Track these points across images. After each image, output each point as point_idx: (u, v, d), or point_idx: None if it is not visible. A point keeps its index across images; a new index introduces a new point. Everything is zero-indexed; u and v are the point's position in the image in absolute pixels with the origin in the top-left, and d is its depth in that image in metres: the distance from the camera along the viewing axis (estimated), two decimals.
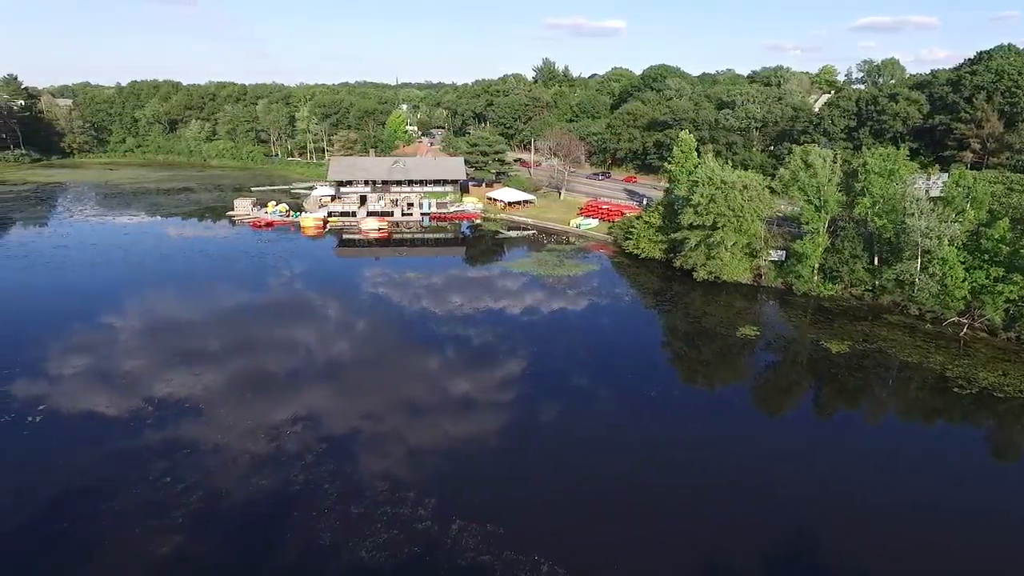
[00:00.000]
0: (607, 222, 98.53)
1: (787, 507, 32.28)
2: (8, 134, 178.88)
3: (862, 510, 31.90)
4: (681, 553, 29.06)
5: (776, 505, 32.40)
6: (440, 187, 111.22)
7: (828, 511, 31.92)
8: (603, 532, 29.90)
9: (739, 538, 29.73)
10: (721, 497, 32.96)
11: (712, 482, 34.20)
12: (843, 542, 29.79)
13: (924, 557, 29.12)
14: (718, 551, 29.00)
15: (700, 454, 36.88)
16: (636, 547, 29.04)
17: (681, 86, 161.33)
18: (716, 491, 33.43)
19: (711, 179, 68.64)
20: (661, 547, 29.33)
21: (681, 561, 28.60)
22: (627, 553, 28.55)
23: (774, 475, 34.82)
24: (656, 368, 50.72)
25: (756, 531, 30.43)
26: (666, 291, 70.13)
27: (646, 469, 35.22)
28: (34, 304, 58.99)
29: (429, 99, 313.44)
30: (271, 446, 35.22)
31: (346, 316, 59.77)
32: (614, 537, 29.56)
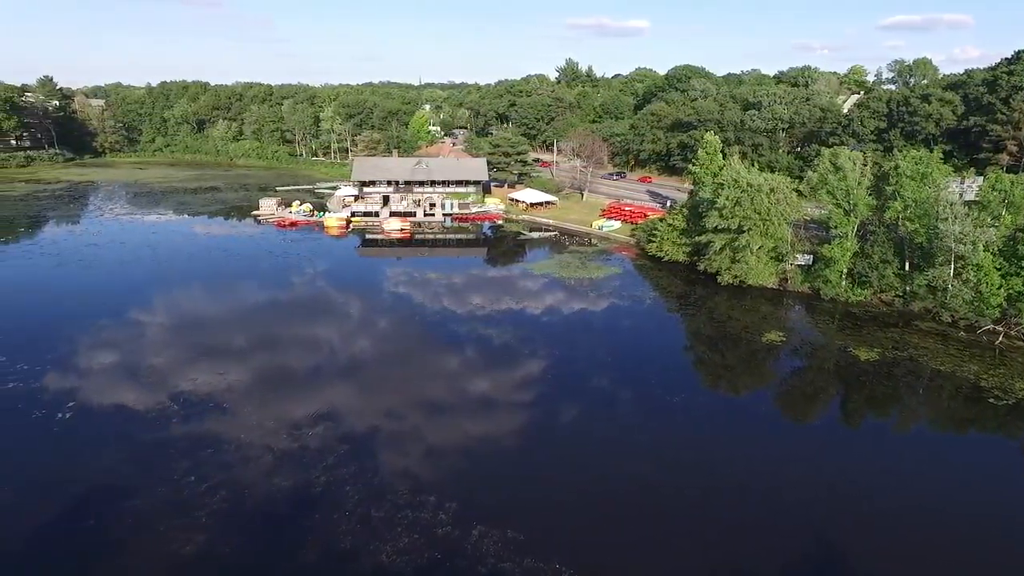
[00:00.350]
0: (630, 224, 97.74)
1: (817, 519, 31.52)
2: (43, 134, 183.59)
3: (894, 524, 31.03)
4: (706, 566, 28.52)
5: (805, 516, 31.66)
6: (462, 188, 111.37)
7: (858, 525, 31.08)
8: (623, 538, 29.52)
9: (773, 558, 29.08)
10: (752, 508, 32.30)
11: (740, 493, 33.55)
12: (876, 557, 28.98)
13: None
14: (750, 562, 28.41)
15: (724, 462, 36.22)
16: (657, 555, 28.60)
17: (706, 87, 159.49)
18: (746, 501, 32.80)
19: (737, 182, 67.58)
20: (684, 556, 28.84)
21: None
22: (647, 561, 28.13)
23: (803, 486, 34.06)
24: (679, 372, 50.05)
25: (786, 545, 29.76)
26: (690, 295, 69.25)
27: (666, 474, 34.71)
28: (65, 301, 60.16)
29: (452, 99, 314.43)
30: (293, 446, 35.42)
31: (367, 315, 60.04)
32: (635, 544, 29.17)
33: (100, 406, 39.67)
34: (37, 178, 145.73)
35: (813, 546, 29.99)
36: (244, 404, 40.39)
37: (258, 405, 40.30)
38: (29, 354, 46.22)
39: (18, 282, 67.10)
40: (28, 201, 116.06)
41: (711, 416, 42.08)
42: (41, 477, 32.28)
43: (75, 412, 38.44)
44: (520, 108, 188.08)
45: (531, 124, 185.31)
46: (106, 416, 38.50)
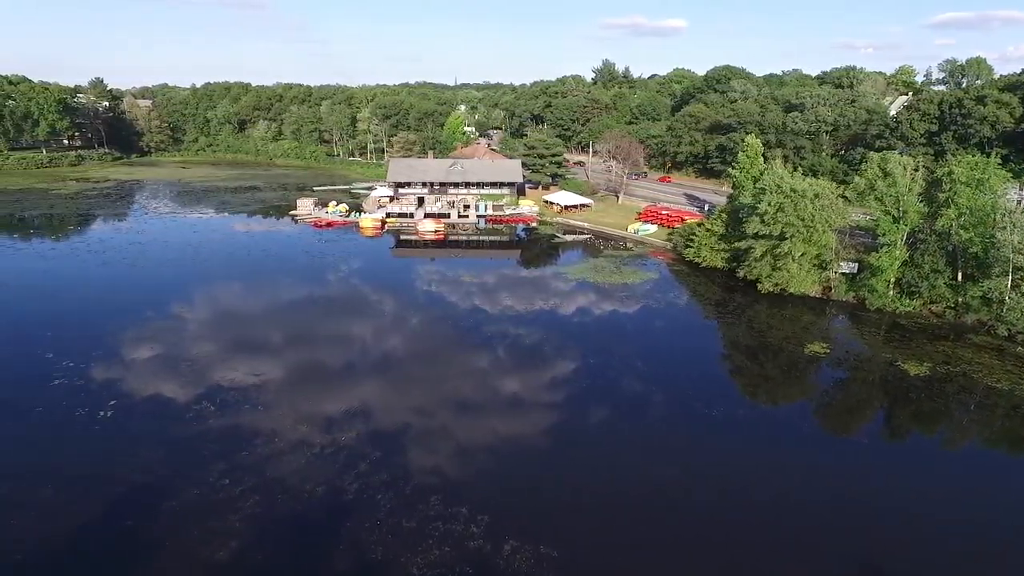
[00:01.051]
0: (667, 228, 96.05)
1: (863, 539, 30.07)
2: (94, 134, 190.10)
3: (940, 545, 29.41)
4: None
5: (852, 537, 30.24)
6: (496, 189, 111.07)
7: (905, 545, 29.58)
8: (658, 559, 28.58)
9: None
10: (800, 532, 31.03)
11: (788, 514, 32.27)
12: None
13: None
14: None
15: (768, 482, 34.90)
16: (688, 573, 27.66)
17: (746, 88, 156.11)
18: (794, 523, 31.53)
19: (780, 187, 65.57)
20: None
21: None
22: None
23: (849, 505, 32.57)
24: (717, 384, 48.60)
25: (833, 567, 28.46)
26: (728, 302, 67.52)
27: (706, 494, 33.59)
28: (110, 299, 61.72)
29: (487, 100, 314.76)
30: (326, 452, 35.41)
31: (399, 315, 60.00)
32: (670, 566, 28.22)
33: (139, 404, 40.39)
34: (87, 176, 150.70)
35: (859, 569, 28.61)
36: (278, 405, 40.66)
37: (292, 406, 40.52)
38: (75, 351, 47.41)
39: (67, 279, 69.15)
40: (78, 199, 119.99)
41: (752, 431, 40.63)
42: (81, 476, 32.89)
43: (115, 410, 39.19)
44: (555, 109, 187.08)
45: (566, 125, 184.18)
46: (145, 414, 39.15)
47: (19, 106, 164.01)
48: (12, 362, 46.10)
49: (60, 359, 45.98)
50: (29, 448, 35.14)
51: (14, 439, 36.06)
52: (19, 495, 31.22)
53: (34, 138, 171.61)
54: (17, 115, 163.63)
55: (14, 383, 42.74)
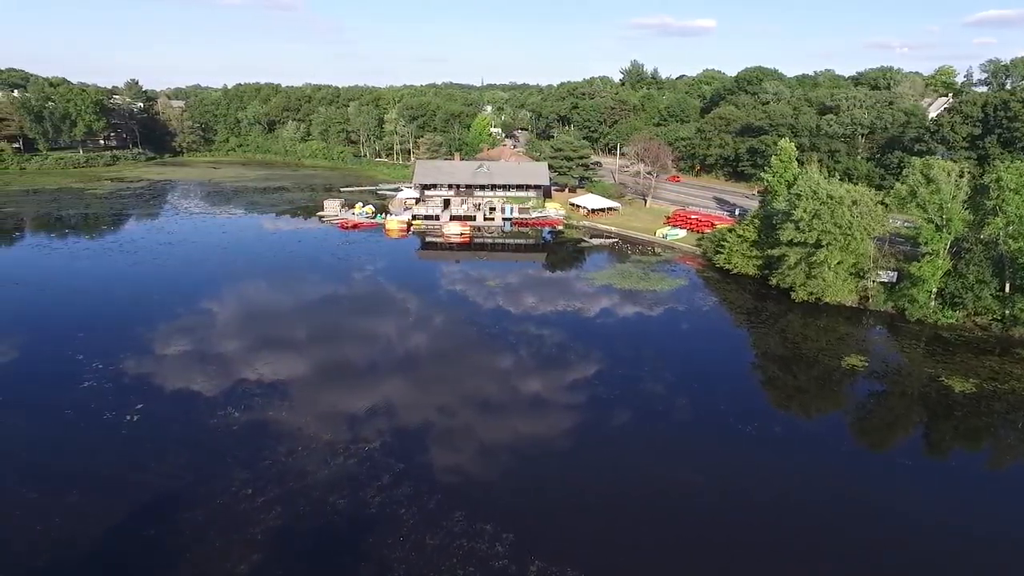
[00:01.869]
0: (696, 233, 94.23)
1: (903, 558, 28.52)
2: (128, 134, 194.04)
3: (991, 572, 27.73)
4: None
5: (891, 557, 28.70)
6: (523, 192, 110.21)
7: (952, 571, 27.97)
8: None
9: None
10: (833, 550, 29.58)
11: (808, 533, 30.82)
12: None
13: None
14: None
15: (804, 504, 33.45)
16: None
17: (779, 89, 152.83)
18: (834, 548, 30.07)
19: (816, 193, 63.53)
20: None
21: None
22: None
23: (888, 524, 30.98)
24: (750, 398, 46.95)
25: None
26: (760, 311, 65.65)
27: (742, 513, 32.28)
28: (140, 300, 62.25)
29: (513, 101, 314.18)
30: (349, 462, 34.90)
31: (422, 321, 59.37)
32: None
33: (165, 408, 40.43)
34: (121, 176, 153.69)
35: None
36: (302, 410, 40.36)
37: (316, 411, 40.19)
38: (104, 353, 47.80)
39: (99, 279, 70.11)
40: (111, 199, 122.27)
41: (788, 449, 39.10)
42: (107, 481, 32.88)
43: (142, 414, 39.25)
44: (582, 110, 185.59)
45: (593, 127, 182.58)
46: (170, 418, 39.15)
47: (58, 107, 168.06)
48: (45, 363, 46.64)
49: (90, 360, 46.37)
50: (58, 451, 35.30)
51: (45, 441, 36.28)
52: (47, 500, 31.29)
53: (72, 138, 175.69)
54: (56, 116, 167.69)
55: (46, 384, 43.15)
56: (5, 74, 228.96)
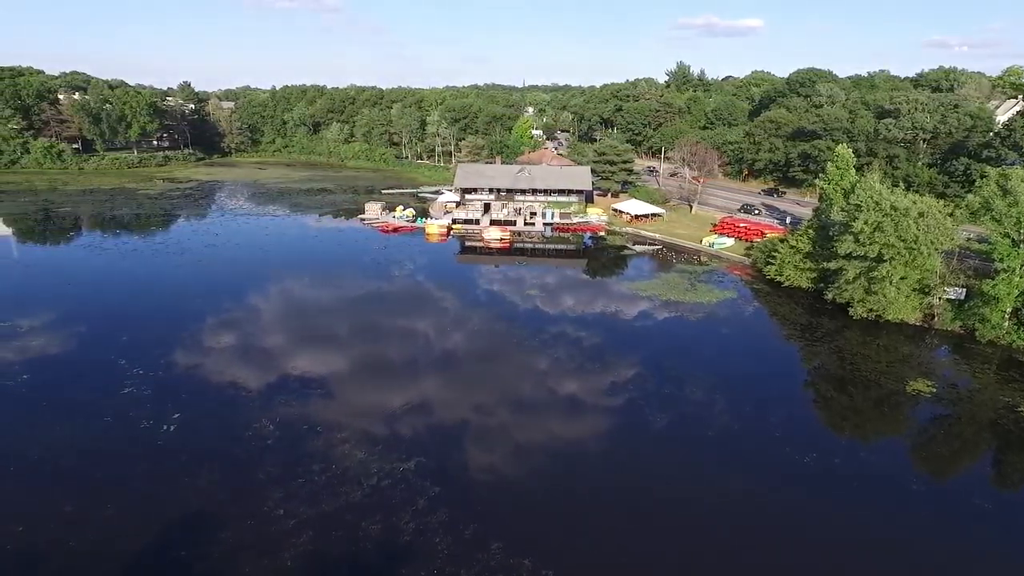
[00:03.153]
0: (744, 242, 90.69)
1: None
2: (180, 135, 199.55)
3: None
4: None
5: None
6: (564, 197, 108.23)
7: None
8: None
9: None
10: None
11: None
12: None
13: None
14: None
15: (868, 549, 30.72)
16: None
17: (833, 91, 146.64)
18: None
19: (879, 204, 59.79)
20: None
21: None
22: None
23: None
24: (806, 424, 44.06)
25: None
26: (815, 327, 62.19)
27: (805, 555, 29.77)
28: (183, 303, 62.78)
29: (555, 102, 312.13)
30: (384, 483, 33.72)
31: (457, 329, 57.93)
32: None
33: (201, 418, 40.08)
34: (172, 176, 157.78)
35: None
36: (337, 425, 39.43)
37: (351, 427, 39.23)
38: (146, 358, 48.01)
39: (146, 280, 71.14)
40: (161, 200, 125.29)
41: (851, 486, 36.18)
42: (142, 496, 32.47)
43: (178, 424, 38.96)
44: (626, 113, 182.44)
45: (637, 130, 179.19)
46: (205, 430, 38.75)
47: (115, 109, 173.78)
48: (89, 367, 47.02)
49: (132, 366, 46.57)
50: (96, 461, 35.15)
51: (83, 450, 36.21)
52: (82, 513, 31.04)
53: (127, 139, 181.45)
54: (113, 118, 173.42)
55: (89, 389, 43.39)
56: (69, 77, 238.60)
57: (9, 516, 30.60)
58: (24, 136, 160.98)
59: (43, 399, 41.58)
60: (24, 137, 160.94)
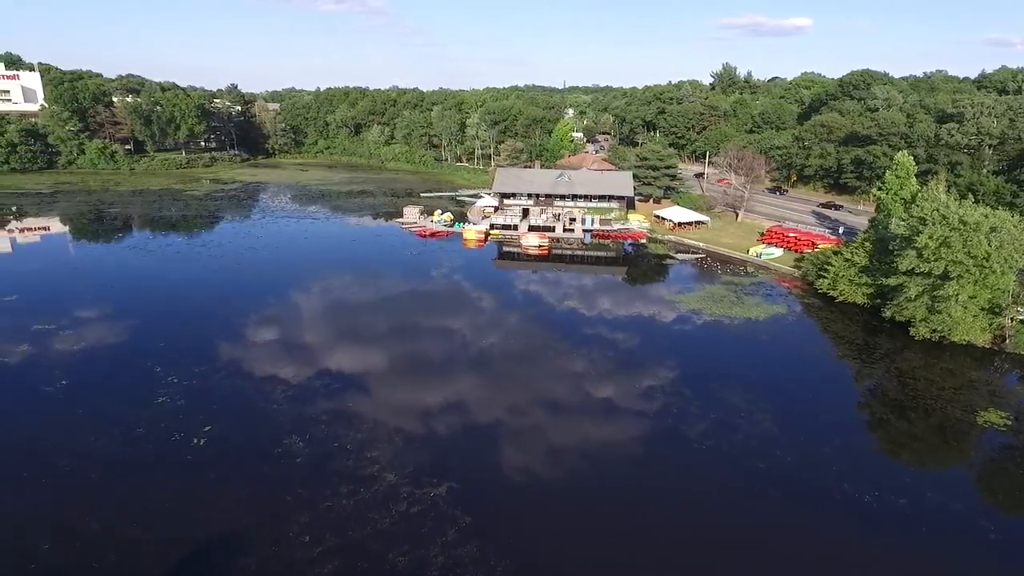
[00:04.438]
0: (794, 252, 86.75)
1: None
2: (226, 137, 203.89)
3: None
4: None
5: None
6: (605, 203, 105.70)
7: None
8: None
9: None
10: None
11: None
12: None
13: None
14: None
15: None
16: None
17: (890, 94, 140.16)
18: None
19: (945, 218, 55.82)
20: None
21: None
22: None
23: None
24: (865, 456, 40.81)
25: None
26: (872, 347, 58.50)
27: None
28: (220, 309, 62.85)
29: (596, 104, 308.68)
30: (412, 510, 32.27)
31: (489, 346, 56.36)
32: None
33: (231, 432, 39.39)
34: (217, 177, 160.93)
35: None
36: (368, 444, 38.21)
37: (381, 449, 37.94)
38: (181, 366, 47.80)
39: (186, 284, 71.66)
40: (206, 201, 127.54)
41: (920, 529, 33.18)
42: (168, 515, 31.74)
43: (208, 438, 38.34)
44: (669, 116, 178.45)
45: (680, 133, 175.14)
46: (235, 445, 38.02)
47: (165, 111, 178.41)
48: (126, 374, 46.98)
49: (167, 374, 46.40)
50: (125, 478, 34.65)
51: (114, 466, 35.73)
52: (108, 532, 30.47)
53: (176, 140, 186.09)
54: (163, 120, 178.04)
55: (124, 398, 43.23)
56: (125, 79, 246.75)
57: (37, 531, 30.24)
58: (80, 138, 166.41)
59: (79, 407, 41.62)
60: (80, 139, 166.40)
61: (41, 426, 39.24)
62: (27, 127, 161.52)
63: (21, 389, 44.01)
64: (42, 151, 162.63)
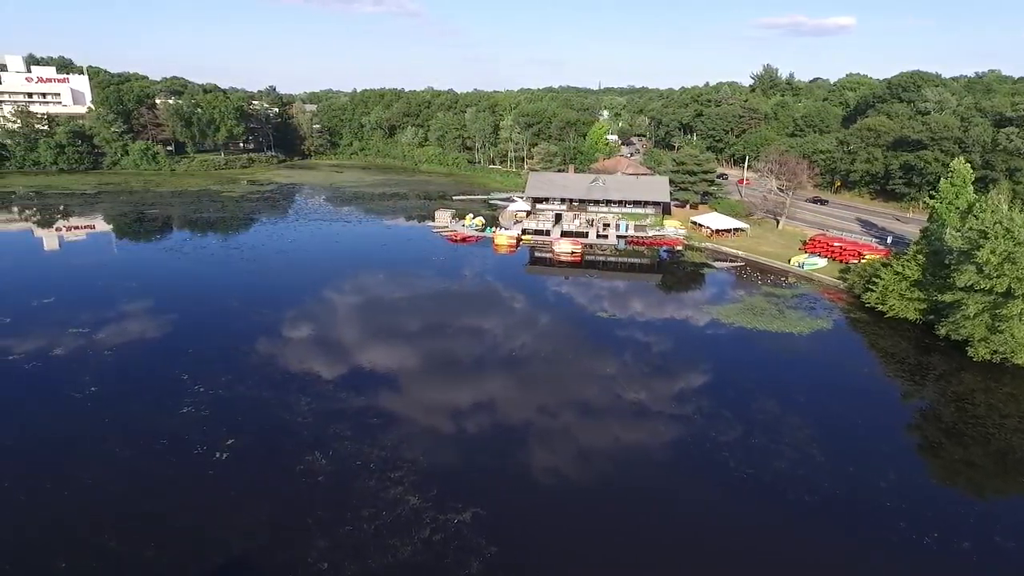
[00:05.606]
0: (838, 263, 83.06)
1: None
2: (264, 138, 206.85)
3: None
4: None
5: None
6: (640, 208, 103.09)
7: None
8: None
9: None
10: None
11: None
12: None
13: None
14: None
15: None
16: None
17: (943, 97, 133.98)
18: None
19: (1010, 231, 52.14)
20: None
21: None
22: None
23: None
24: (920, 490, 37.90)
25: None
26: (926, 368, 55.06)
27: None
28: (249, 315, 62.55)
29: (631, 106, 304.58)
30: (435, 537, 30.83)
31: (514, 359, 54.73)
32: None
33: (253, 446, 38.57)
34: (254, 178, 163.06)
35: None
36: (391, 464, 36.94)
37: (404, 469, 36.61)
38: (207, 374, 47.37)
39: (218, 288, 72.00)
40: (242, 202, 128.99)
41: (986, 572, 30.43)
42: (185, 534, 30.95)
43: (231, 452, 37.59)
44: (707, 119, 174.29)
45: (718, 136, 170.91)
46: (257, 461, 37.16)
47: (205, 113, 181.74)
48: (154, 381, 46.69)
49: (193, 382, 46.00)
50: (145, 494, 33.95)
51: (136, 479, 35.13)
52: (123, 551, 29.73)
53: (215, 142, 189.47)
54: (203, 121, 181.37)
55: (151, 407, 42.86)
56: (169, 81, 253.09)
57: (57, 550, 29.72)
58: (124, 139, 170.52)
59: (106, 415, 41.36)
60: (124, 140, 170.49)
61: (67, 437, 39.01)
62: (75, 128, 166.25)
63: (52, 396, 44.00)
64: (88, 152, 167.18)
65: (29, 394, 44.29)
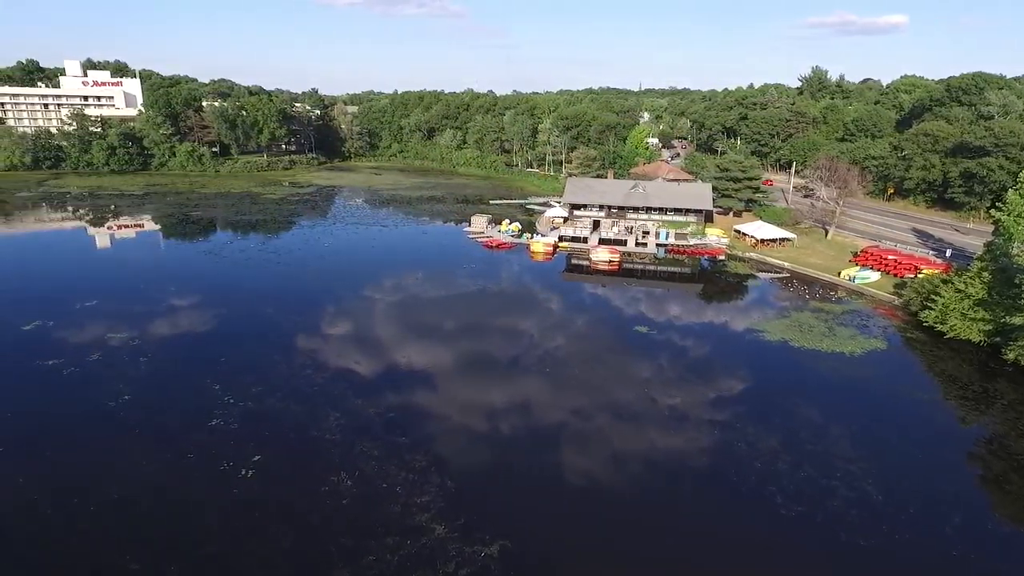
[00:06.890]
0: (893, 277, 78.74)
1: None
2: (305, 140, 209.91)
3: None
4: None
5: None
6: (681, 216, 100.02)
7: None
8: None
9: None
10: None
11: None
12: None
13: None
14: None
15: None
16: None
17: (1008, 100, 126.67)
18: None
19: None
20: None
21: None
22: None
23: None
24: (991, 539, 34.70)
25: None
26: (991, 395, 51.16)
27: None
28: (283, 323, 62.43)
29: (672, 108, 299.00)
30: (461, 572, 29.35)
31: (545, 374, 52.94)
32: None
33: (279, 464, 37.74)
34: (295, 180, 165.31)
35: None
36: (419, 490, 35.62)
37: (431, 495, 35.33)
38: (238, 385, 46.99)
39: (254, 292, 72.07)
40: (282, 205, 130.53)
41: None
42: (208, 560, 30.18)
43: (257, 469, 36.89)
44: (752, 122, 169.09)
45: (763, 140, 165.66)
46: (282, 481, 36.26)
47: (249, 116, 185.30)
48: (185, 392, 46.39)
49: (224, 393, 45.68)
50: (171, 511, 33.42)
51: (161, 495, 34.62)
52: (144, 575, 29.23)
53: (258, 144, 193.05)
54: (247, 124, 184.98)
55: (181, 418, 42.57)
56: (217, 84, 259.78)
57: (77, 569, 29.34)
58: (172, 141, 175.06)
59: (137, 426, 41.27)
60: (172, 142, 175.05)
61: (98, 449, 38.91)
62: (126, 131, 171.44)
63: (87, 405, 44.07)
64: (138, 153, 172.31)
65: (67, 402, 44.50)
